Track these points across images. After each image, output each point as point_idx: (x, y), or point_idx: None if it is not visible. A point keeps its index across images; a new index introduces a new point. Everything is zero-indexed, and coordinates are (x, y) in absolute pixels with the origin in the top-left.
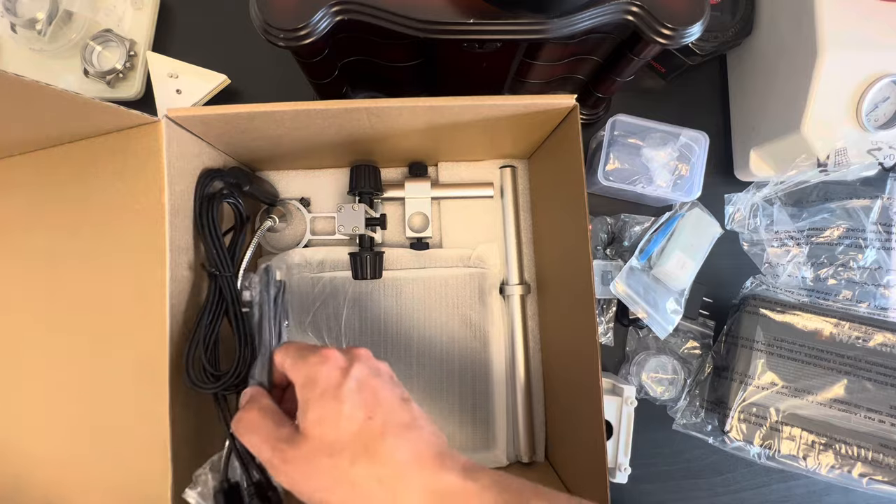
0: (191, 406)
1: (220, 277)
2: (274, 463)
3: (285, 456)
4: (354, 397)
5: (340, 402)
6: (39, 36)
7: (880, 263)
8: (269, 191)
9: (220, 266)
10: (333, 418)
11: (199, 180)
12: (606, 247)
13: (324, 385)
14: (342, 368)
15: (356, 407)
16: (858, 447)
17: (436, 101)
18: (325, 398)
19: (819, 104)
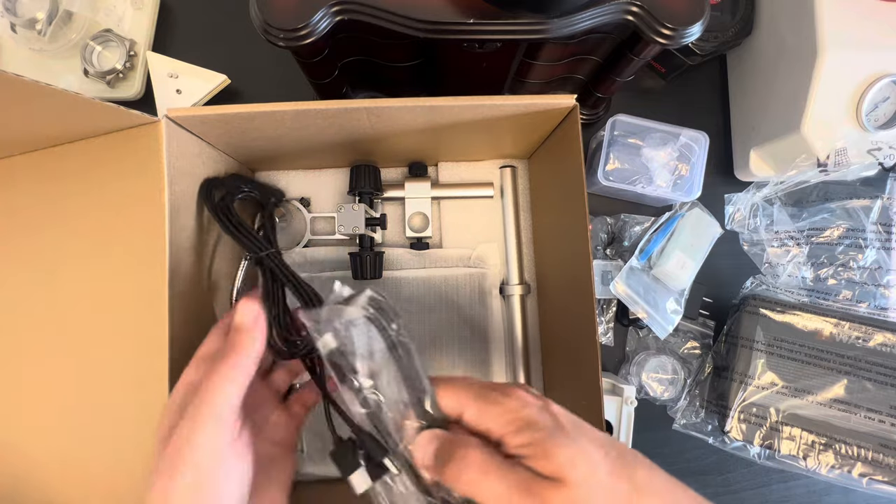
0: None
1: (265, 258)
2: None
3: (546, 500)
4: (580, 436)
5: (575, 440)
6: (39, 36)
7: (880, 263)
8: (271, 190)
9: (260, 247)
10: (583, 458)
11: (200, 193)
12: (606, 247)
13: (547, 426)
14: (541, 407)
15: (590, 443)
16: (858, 447)
17: (436, 101)
18: (559, 439)
19: (819, 104)
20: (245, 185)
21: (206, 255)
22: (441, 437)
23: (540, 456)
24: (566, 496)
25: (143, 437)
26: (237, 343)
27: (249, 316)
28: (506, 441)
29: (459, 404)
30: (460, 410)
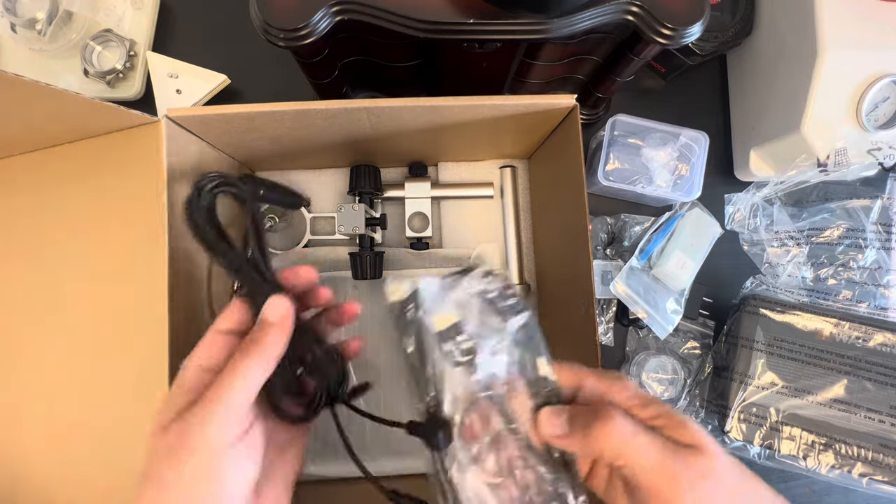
0: None
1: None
2: (686, 476)
3: (701, 469)
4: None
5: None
6: (39, 36)
7: (880, 263)
8: (291, 197)
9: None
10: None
11: (195, 197)
12: (606, 247)
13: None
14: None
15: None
16: (858, 447)
17: (436, 101)
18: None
19: (819, 104)
20: (257, 193)
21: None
22: (568, 409)
23: (675, 426)
24: (706, 462)
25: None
26: (264, 338)
27: (279, 312)
28: (633, 413)
29: (578, 377)
30: (579, 382)
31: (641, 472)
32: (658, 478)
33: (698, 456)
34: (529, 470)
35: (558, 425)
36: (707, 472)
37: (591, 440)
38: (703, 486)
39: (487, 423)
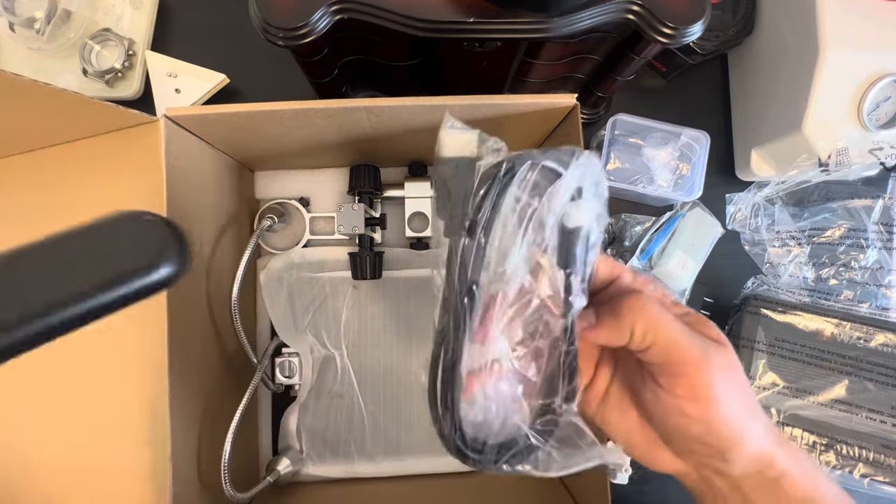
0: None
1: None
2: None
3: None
4: None
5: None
6: (38, 35)
7: (882, 263)
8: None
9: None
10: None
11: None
12: (607, 247)
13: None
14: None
15: None
16: (860, 448)
17: (436, 101)
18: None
19: (820, 104)
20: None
21: (205, 255)
22: (598, 303)
23: (700, 323)
24: (731, 355)
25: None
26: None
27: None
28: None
29: (615, 270)
30: (616, 274)
31: (674, 347)
32: (689, 355)
33: (724, 348)
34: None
35: (593, 315)
36: (732, 363)
37: (621, 319)
38: (729, 374)
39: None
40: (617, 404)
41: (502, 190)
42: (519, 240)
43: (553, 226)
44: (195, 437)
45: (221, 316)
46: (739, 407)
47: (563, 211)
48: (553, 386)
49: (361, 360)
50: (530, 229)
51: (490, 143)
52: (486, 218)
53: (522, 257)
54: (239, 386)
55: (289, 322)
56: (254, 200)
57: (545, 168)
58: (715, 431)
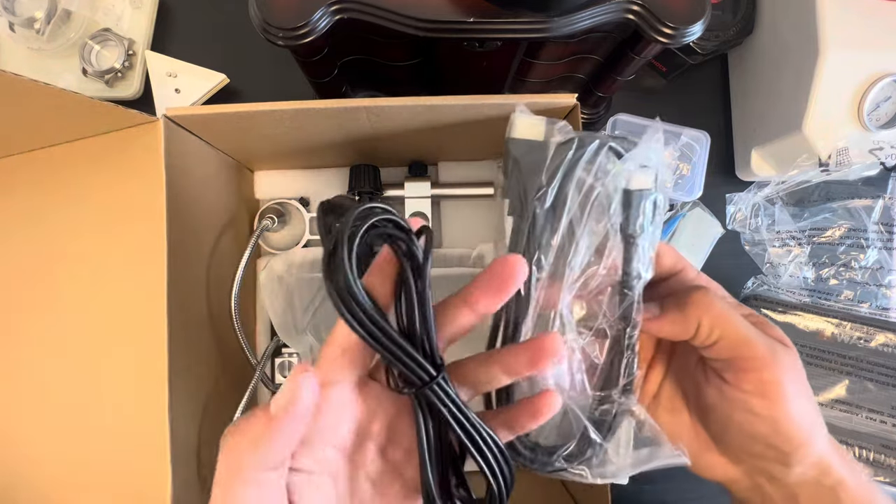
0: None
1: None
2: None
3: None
4: None
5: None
6: (38, 35)
7: (882, 263)
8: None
9: (423, 374)
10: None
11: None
12: None
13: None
14: None
15: None
16: (860, 448)
17: (436, 101)
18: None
19: (821, 104)
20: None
21: (205, 255)
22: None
23: (765, 324)
24: (794, 355)
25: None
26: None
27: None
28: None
29: (679, 263)
30: (680, 267)
31: (743, 343)
32: (758, 350)
33: (790, 349)
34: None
35: (656, 310)
36: (798, 365)
37: (688, 312)
38: (796, 374)
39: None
40: (668, 405)
41: (573, 163)
42: (588, 211)
43: (618, 191)
44: (195, 437)
45: (221, 316)
46: (808, 406)
47: (628, 176)
48: (611, 376)
49: None
50: (597, 203)
51: (559, 125)
52: (558, 187)
53: (590, 229)
54: (239, 386)
55: (289, 322)
56: (254, 200)
57: (612, 148)
58: (783, 431)
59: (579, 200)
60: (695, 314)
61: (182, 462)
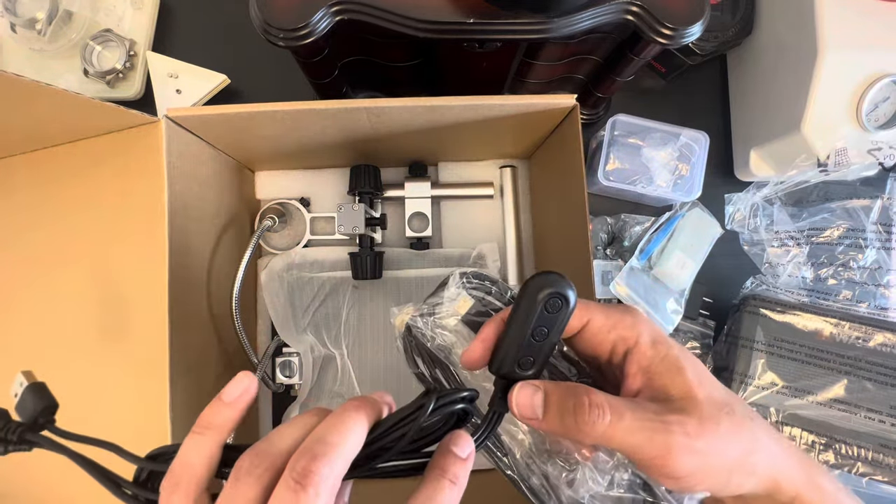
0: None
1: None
2: (676, 445)
3: (688, 430)
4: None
5: (687, 354)
6: (39, 36)
7: (880, 263)
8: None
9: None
10: (706, 373)
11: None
12: (606, 247)
13: (665, 338)
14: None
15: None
16: (858, 447)
17: (436, 101)
18: (684, 354)
19: (819, 104)
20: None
21: (205, 255)
22: (543, 387)
23: (672, 372)
24: (698, 418)
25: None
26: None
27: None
28: (639, 351)
29: (585, 312)
30: (586, 319)
31: (633, 453)
32: (650, 452)
33: (688, 413)
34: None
35: (530, 408)
36: (699, 430)
37: (569, 431)
38: (697, 445)
39: None
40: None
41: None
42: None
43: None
44: None
45: (222, 316)
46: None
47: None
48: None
49: (362, 360)
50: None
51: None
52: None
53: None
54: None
55: (289, 322)
56: (254, 200)
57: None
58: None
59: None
60: (576, 436)
61: None
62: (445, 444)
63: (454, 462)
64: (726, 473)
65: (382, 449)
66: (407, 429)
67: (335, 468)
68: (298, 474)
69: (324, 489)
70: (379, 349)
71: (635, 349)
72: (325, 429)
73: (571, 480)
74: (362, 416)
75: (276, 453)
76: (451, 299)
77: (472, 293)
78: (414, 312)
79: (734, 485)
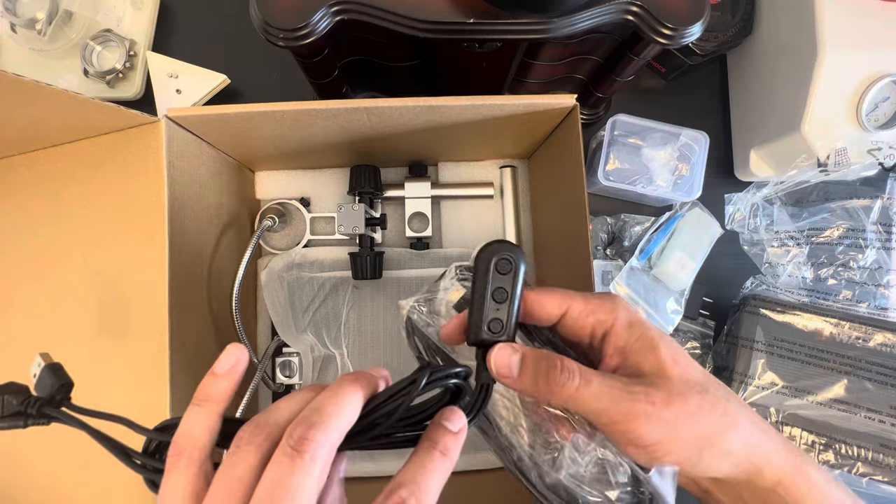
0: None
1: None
2: (641, 412)
3: (653, 400)
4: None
5: (665, 336)
6: (39, 36)
7: (880, 263)
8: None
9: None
10: (683, 354)
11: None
12: (606, 247)
13: (643, 321)
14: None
15: (678, 347)
16: (858, 447)
17: (436, 101)
18: (661, 336)
19: (819, 104)
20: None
21: (206, 255)
22: (521, 350)
23: (646, 350)
24: (666, 391)
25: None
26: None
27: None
28: (614, 332)
29: (564, 300)
30: (566, 307)
31: (597, 416)
32: (613, 417)
33: (657, 387)
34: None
35: (506, 367)
36: (666, 401)
37: (540, 391)
38: (662, 414)
39: None
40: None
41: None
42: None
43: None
44: None
45: (222, 316)
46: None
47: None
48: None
49: (362, 360)
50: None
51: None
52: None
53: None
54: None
55: (289, 322)
56: (254, 200)
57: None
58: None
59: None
60: (546, 397)
61: None
62: (437, 419)
63: (444, 434)
64: (696, 450)
65: (376, 422)
66: (400, 401)
67: (330, 437)
68: (295, 441)
69: (319, 455)
70: (379, 349)
71: (612, 331)
72: (321, 400)
73: (553, 460)
74: (357, 388)
75: (275, 423)
76: (445, 289)
77: (463, 284)
78: (414, 301)
79: (705, 463)
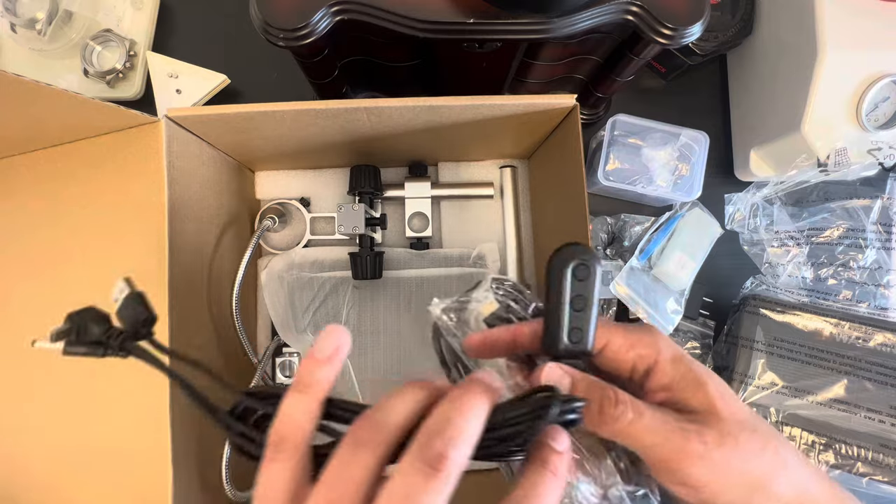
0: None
1: None
2: (694, 452)
3: (706, 439)
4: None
5: (711, 372)
6: (39, 36)
7: (880, 263)
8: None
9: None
10: (729, 391)
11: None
12: (606, 247)
13: (686, 356)
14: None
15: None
16: (858, 447)
17: (436, 101)
18: (708, 372)
19: (819, 104)
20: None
21: (206, 255)
22: (572, 374)
23: (693, 387)
24: (718, 429)
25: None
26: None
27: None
28: (659, 369)
29: (604, 334)
30: (605, 340)
31: (648, 452)
32: (664, 454)
33: (709, 426)
34: None
35: (557, 382)
36: (718, 442)
37: (592, 420)
38: (714, 455)
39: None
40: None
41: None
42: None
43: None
44: (195, 438)
45: (222, 316)
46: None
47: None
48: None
49: (362, 360)
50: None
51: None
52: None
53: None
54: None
55: (289, 322)
56: (254, 200)
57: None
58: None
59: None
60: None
61: (183, 462)
62: (543, 439)
63: (552, 453)
64: (747, 491)
65: (496, 440)
66: (526, 427)
67: (465, 455)
68: (433, 458)
69: (454, 476)
70: (379, 349)
71: (656, 367)
72: (453, 411)
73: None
74: (486, 400)
75: (393, 426)
76: (479, 300)
77: (498, 298)
78: (443, 307)
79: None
